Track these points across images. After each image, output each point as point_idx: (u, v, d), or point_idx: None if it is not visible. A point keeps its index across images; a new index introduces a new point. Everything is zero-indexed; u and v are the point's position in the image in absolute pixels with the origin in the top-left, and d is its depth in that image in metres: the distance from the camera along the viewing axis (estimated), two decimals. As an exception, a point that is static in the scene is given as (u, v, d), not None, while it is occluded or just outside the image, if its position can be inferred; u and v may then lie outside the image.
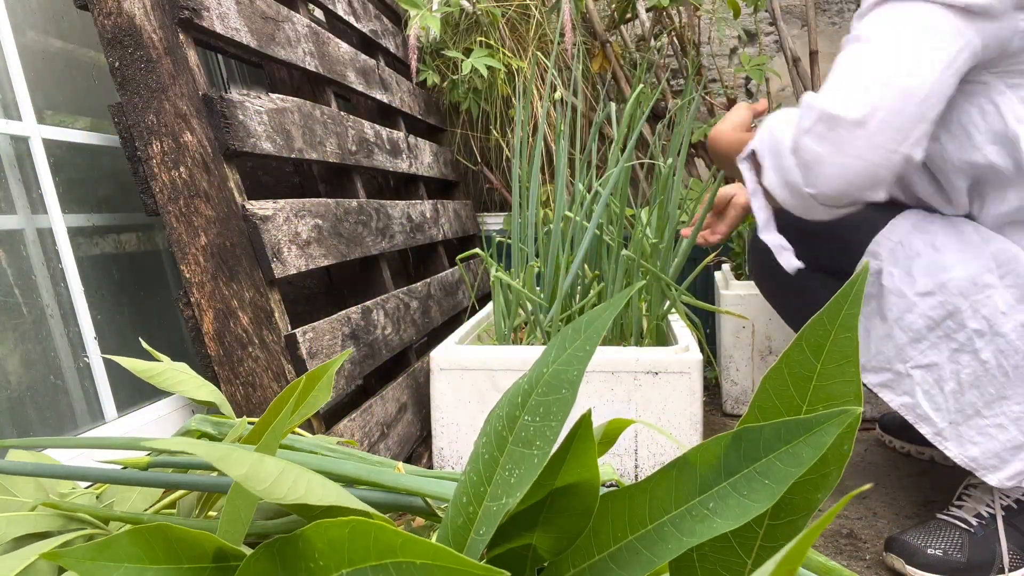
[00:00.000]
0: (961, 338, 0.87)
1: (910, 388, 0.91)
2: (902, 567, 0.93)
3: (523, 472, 0.40)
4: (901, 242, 0.91)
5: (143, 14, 0.95)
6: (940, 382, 0.89)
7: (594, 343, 0.42)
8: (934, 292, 0.88)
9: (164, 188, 0.97)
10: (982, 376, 0.87)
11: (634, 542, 0.39)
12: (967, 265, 0.87)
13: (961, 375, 0.88)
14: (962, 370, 0.88)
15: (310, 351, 0.99)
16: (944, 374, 0.89)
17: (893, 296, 0.90)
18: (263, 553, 0.39)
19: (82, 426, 0.96)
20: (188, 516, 0.65)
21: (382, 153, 1.52)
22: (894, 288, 0.90)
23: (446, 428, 1.17)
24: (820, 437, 0.35)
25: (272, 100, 1.09)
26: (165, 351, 1.11)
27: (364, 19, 1.71)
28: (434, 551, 0.34)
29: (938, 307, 0.88)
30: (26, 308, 0.92)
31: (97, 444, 0.64)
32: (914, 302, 0.89)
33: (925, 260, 0.89)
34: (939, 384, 0.89)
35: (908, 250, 0.91)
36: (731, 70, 2.49)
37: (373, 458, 0.65)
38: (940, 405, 0.89)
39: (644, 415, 1.11)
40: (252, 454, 0.41)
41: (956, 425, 0.89)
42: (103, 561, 0.39)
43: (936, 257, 0.89)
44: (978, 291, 0.86)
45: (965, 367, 0.87)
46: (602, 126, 1.47)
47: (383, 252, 1.37)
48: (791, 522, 0.40)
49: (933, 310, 0.88)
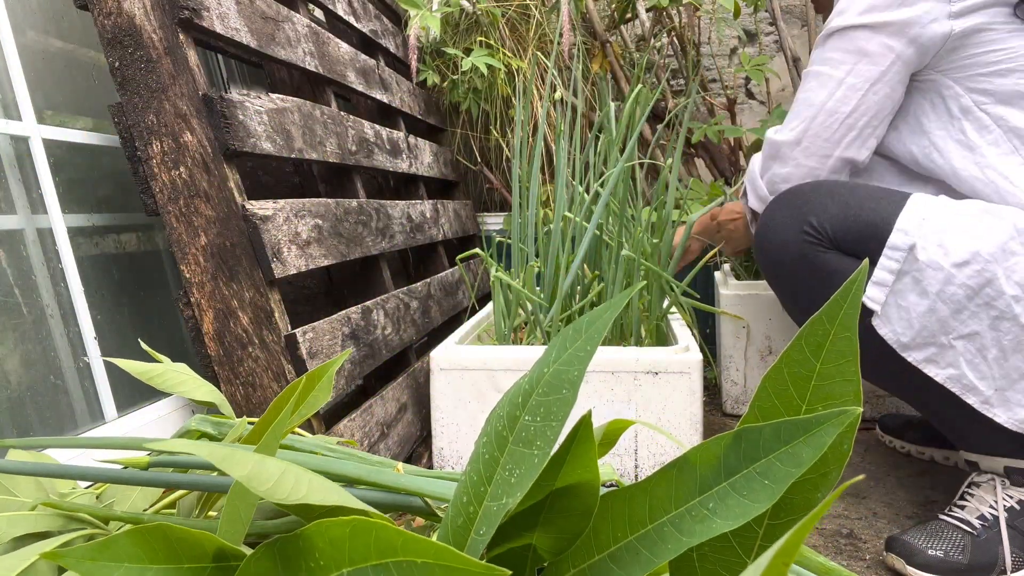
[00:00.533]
0: (1001, 305, 0.89)
1: (954, 359, 0.92)
2: (902, 567, 0.93)
3: (523, 472, 0.40)
4: (926, 218, 0.93)
5: (143, 14, 0.95)
6: (983, 350, 0.91)
7: (595, 343, 0.42)
8: (969, 261, 0.90)
9: (164, 188, 0.97)
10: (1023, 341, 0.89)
11: (634, 542, 0.39)
12: (994, 233, 0.90)
13: (1003, 341, 0.90)
14: (1003, 336, 0.89)
15: (310, 351, 0.99)
16: (986, 342, 0.90)
17: (930, 270, 0.91)
18: (264, 553, 0.39)
19: (82, 426, 0.96)
20: (188, 516, 0.65)
21: (382, 153, 1.52)
22: (930, 261, 0.91)
23: (446, 428, 1.17)
24: (820, 437, 0.35)
25: (272, 100, 1.09)
26: (165, 351, 1.11)
27: (364, 19, 1.71)
28: (435, 550, 0.34)
29: (975, 276, 0.89)
30: (26, 308, 0.92)
31: (98, 444, 0.64)
32: (952, 273, 0.90)
33: (955, 231, 0.91)
34: (982, 352, 0.91)
35: (936, 223, 0.92)
36: (731, 70, 2.49)
37: (373, 458, 0.65)
38: (985, 373, 0.91)
39: (644, 415, 1.11)
40: (254, 455, 0.41)
41: (1002, 391, 0.90)
42: (103, 561, 0.39)
43: (964, 227, 0.91)
44: (1007, 257, 0.89)
45: (1006, 333, 0.89)
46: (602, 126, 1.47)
47: (383, 252, 1.37)
48: (791, 522, 0.40)
49: (971, 279, 0.90)
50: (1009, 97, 0.97)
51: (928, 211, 0.94)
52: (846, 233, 0.97)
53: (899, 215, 0.94)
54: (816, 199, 1.00)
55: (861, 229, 0.96)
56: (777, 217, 1.03)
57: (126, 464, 0.61)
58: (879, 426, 1.42)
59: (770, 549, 0.24)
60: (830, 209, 0.98)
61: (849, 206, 0.97)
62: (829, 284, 0.98)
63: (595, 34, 2.10)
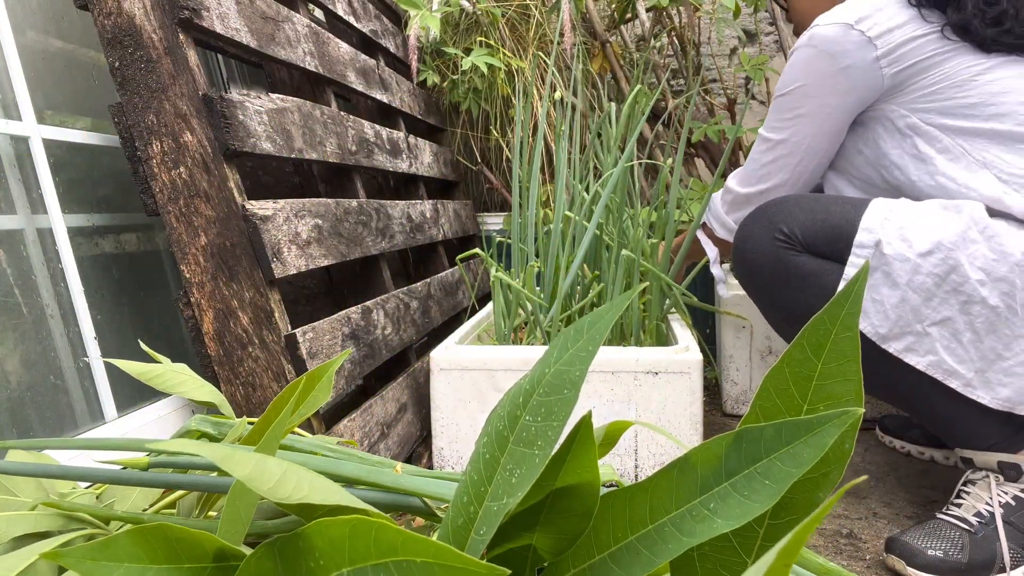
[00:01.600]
0: (968, 289, 0.92)
1: (931, 346, 0.95)
2: (903, 568, 0.93)
3: (524, 472, 0.40)
4: (890, 214, 0.98)
5: (143, 14, 0.95)
6: (957, 334, 0.93)
7: (597, 344, 0.42)
8: (933, 251, 0.93)
9: (164, 188, 0.97)
10: (995, 321, 0.92)
11: (634, 542, 0.39)
12: (952, 224, 0.94)
13: (975, 324, 0.92)
14: (975, 320, 0.92)
15: (310, 351, 0.99)
16: (959, 326, 0.93)
17: (897, 262, 0.95)
18: (264, 552, 0.39)
19: (82, 426, 0.96)
20: (188, 516, 0.65)
21: (382, 153, 1.52)
22: (895, 255, 0.95)
23: (446, 428, 1.17)
24: (821, 437, 0.35)
25: (272, 100, 1.09)
26: (165, 351, 1.11)
27: (364, 19, 1.71)
28: (435, 549, 0.34)
29: (940, 264, 0.93)
30: (26, 308, 0.92)
31: (98, 446, 0.64)
32: (918, 263, 0.94)
33: (916, 224, 0.96)
34: (956, 337, 0.93)
35: (898, 220, 0.97)
36: (731, 70, 2.49)
37: (373, 458, 0.65)
38: (963, 356, 0.93)
39: (644, 415, 1.11)
40: (255, 455, 0.41)
41: (982, 372, 0.93)
42: (103, 561, 0.39)
43: (924, 221, 0.96)
44: (967, 245, 0.93)
45: (977, 316, 0.92)
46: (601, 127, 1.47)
47: (383, 252, 1.37)
48: (792, 521, 0.40)
49: (936, 267, 0.93)
50: (952, 108, 1.02)
51: (889, 211, 0.99)
52: (815, 236, 1.03)
53: (863, 216, 0.99)
54: (784, 209, 1.07)
55: (828, 232, 1.02)
56: (751, 230, 1.10)
57: (126, 464, 0.61)
58: (879, 426, 1.42)
59: (772, 550, 0.24)
60: (798, 216, 1.05)
61: (816, 211, 1.04)
62: (805, 285, 1.04)
63: (595, 34, 2.10)
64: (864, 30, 1.03)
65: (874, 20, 1.03)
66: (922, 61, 1.02)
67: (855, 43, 1.03)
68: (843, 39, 1.03)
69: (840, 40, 1.04)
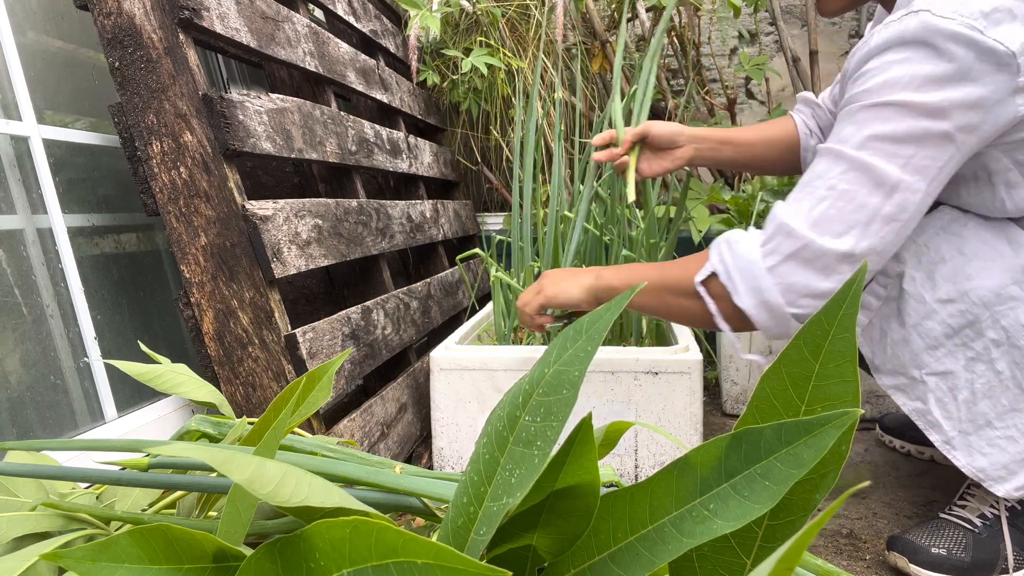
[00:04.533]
0: (978, 347, 0.86)
1: (923, 394, 0.90)
2: (905, 565, 0.93)
3: (524, 472, 0.40)
4: (927, 244, 0.88)
5: (143, 14, 0.95)
6: (954, 390, 0.88)
7: (596, 344, 0.42)
8: (955, 300, 0.86)
9: (164, 188, 0.97)
10: (996, 387, 0.86)
11: (634, 543, 0.39)
12: (993, 275, 0.85)
13: (975, 384, 0.86)
14: (976, 379, 0.86)
15: (310, 351, 0.99)
16: (958, 382, 0.87)
17: (913, 301, 0.88)
18: (264, 553, 0.39)
19: (82, 426, 0.96)
20: (188, 516, 0.65)
21: (382, 153, 1.52)
22: (914, 293, 0.88)
23: (446, 428, 1.17)
24: (821, 439, 0.35)
25: (272, 100, 1.09)
26: (165, 351, 1.11)
27: (364, 19, 1.71)
28: (435, 551, 0.34)
29: (958, 315, 0.86)
30: (26, 308, 0.92)
31: (98, 447, 0.64)
32: (934, 308, 0.87)
33: (950, 266, 0.87)
34: (952, 392, 0.88)
35: (933, 254, 0.88)
36: (731, 70, 2.49)
37: (373, 458, 0.65)
38: (952, 414, 0.88)
39: (644, 415, 1.11)
40: (254, 458, 0.41)
41: (966, 435, 0.88)
42: (104, 562, 0.39)
43: (961, 263, 0.87)
44: (1001, 302, 0.84)
45: (980, 376, 0.86)
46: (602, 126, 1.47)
47: (383, 252, 1.37)
48: (790, 522, 0.40)
49: (952, 318, 0.86)
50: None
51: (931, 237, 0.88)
52: None
53: None
54: None
55: None
56: None
57: (126, 465, 0.61)
58: (879, 426, 1.42)
59: (774, 554, 0.24)
60: None
61: None
62: None
63: (595, 34, 2.10)
64: (1003, 40, 0.75)
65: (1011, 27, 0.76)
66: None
67: (995, 57, 0.76)
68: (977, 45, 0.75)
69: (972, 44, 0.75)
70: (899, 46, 0.79)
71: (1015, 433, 0.86)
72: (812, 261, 0.81)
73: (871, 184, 0.80)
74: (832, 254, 0.80)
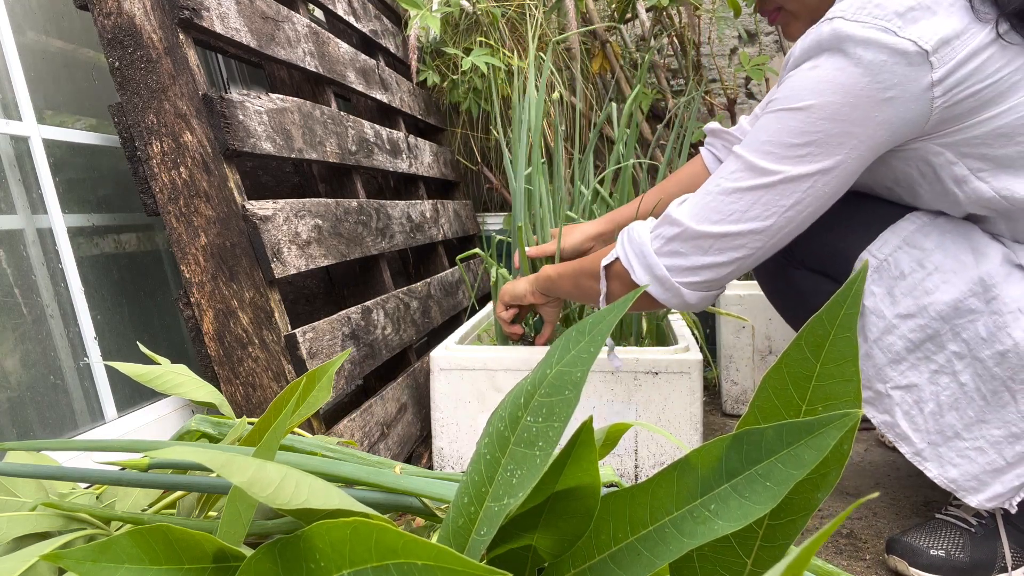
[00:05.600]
0: (941, 360, 0.86)
1: (890, 407, 0.90)
2: (905, 568, 0.93)
3: (525, 473, 0.40)
4: (887, 259, 0.89)
5: (143, 14, 0.95)
6: (920, 403, 0.88)
7: (599, 344, 0.42)
8: (915, 315, 0.86)
9: (164, 188, 0.97)
10: (961, 399, 0.86)
11: (635, 543, 0.39)
12: (952, 289, 0.85)
13: (940, 397, 0.87)
14: (941, 392, 0.87)
15: (310, 351, 0.99)
16: (924, 395, 0.88)
17: (873, 316, 0.89)
18: (264, 554, 0.39)
19: (82, 426, 0.96)
20: (188, 516, 0.65)
21: (382, 153, 1.52)
22: (874, 308, 0.89)
23: (446, 428, 1.17)
24: (822, 439, 0.35)
25: (272, 100, 1.09)
26: (165, 351, 1.11)
27: (364, 19, 1.71)
28: (435, 552, 0.34)
29: (918, 330, 0.87)
30: (26, 308, 0.92)
31: (98, 447, 0.64)
32: (894, 324, 0.88)
33: (909, 281, 0.87)
34: (919, 405, 0.88)
35: (893, 269, 0.88)
36: (731, 70, 2.49)
37: (373, 458, 0.65)
38: (919, 426, 0.88)
39: (644, 415, 1.11)
40: (254, 460, 0.41)
41: (935, 446, 0.88)
42: (104, 562, 0.39)
43: (921, 277, 0.87)
44: (960, 316, 0.85)
45: (944, 389, 0.86)
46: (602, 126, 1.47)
47: (383, 252, 1.37)
48: (791, 522, 0.40)
49: (913, 332, 0.87)
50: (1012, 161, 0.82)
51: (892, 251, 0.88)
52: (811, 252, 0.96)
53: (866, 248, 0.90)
54: None
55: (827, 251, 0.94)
56: None
57: (126, 465, 0.61)
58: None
59: (781, 562, 0.24)
60: None
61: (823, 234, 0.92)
62: (803, 300, 1.00)
63: (595, 34, 2.10)
64: (917, 39, 0.75)
65: (928, 23, 0.76)
66: (985, 89, 0.77)
67: (906, 58, 0.76)
68: (888, 48, 0.76)
69: (883, 47, 0.76)
70: (814, 55, 0.81)
71: (983, 444, 0.86)
72: (689, 241, 0.87)
73: (755, 178, 0.83)
74: (709, 235, 0.86)
